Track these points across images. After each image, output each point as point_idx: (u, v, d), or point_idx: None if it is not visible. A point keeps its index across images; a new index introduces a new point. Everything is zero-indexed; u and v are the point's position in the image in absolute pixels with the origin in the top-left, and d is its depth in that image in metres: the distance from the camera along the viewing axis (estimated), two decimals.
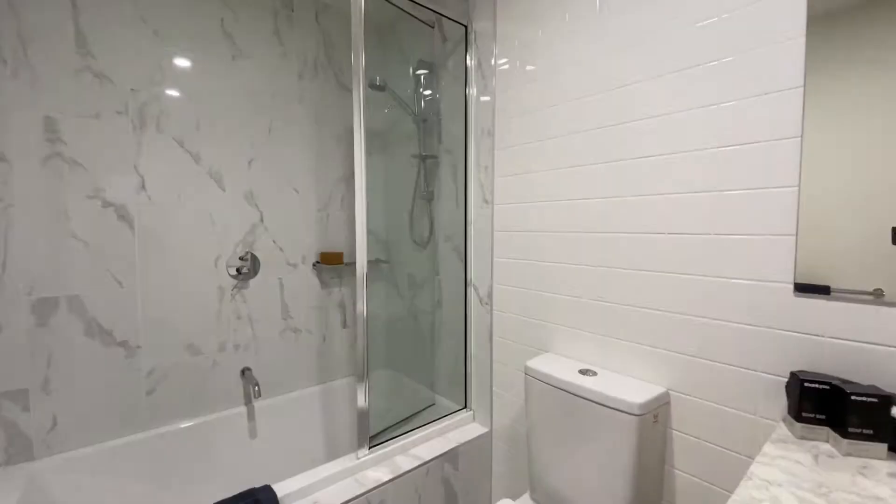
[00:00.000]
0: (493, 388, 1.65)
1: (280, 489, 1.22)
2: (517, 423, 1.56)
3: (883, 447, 0.71)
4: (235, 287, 1.77)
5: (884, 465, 0.69)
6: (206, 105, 1.67)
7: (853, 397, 0.71)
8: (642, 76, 1.13)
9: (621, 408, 1.04)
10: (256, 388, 1.67)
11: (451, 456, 1.54)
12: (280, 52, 1.86)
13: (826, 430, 0.76)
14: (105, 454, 1.48)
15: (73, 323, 1.44)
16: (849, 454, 0.72)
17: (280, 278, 1.90)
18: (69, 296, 1.42)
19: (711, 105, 1.00)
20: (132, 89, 1.51)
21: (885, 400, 0.71)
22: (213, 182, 1.70)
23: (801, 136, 0.87)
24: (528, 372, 1.30)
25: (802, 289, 0.88)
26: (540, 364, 1.29)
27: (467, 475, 1.59)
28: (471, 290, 1.73)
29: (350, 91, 1.46)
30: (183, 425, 1.64)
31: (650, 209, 1.13)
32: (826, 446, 0.75)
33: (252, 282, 1.82)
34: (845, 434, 0.72)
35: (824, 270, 0.85)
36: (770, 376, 0.92)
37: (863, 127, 0.80)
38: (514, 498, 1.40)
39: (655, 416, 1.06)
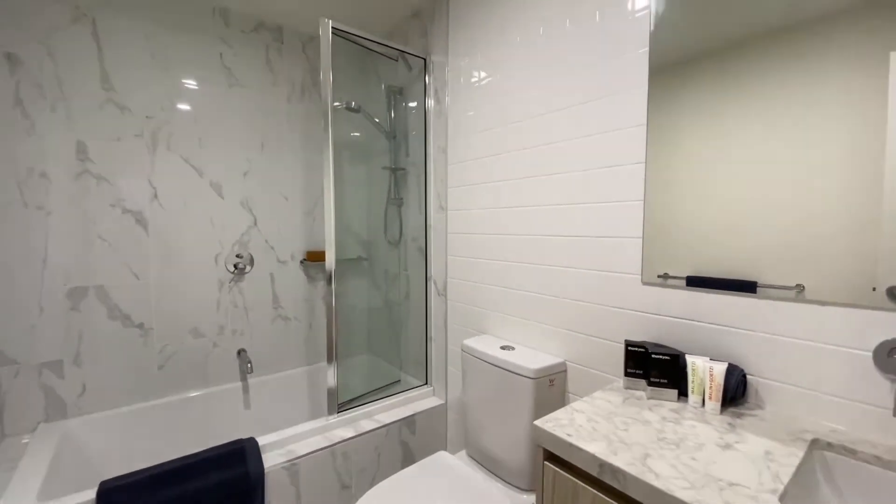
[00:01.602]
0: (448, 367, 1.94)
1: (262, 440, 1.52)
2: None
3: (674, 392, 0.98)
4: (232, 280, 2.09)
5: (670, 404, 0.96)
6: (208, 127, 1.98)
7: (653, 356, 0.98)
8: (548, 108, 1.41)
9: (522, 373, 1.32)
10: (249, 364, 1.98)
11: (408, 422, 1.83)
12: (271, 79, 2.17)
13: (643, 382, 1.03)
14: (124, 416, 1.81)
15: (99, 308, 1.76)
16: (651, 398, 0.99)
17: (271, 273, 2.21)
18: (96, 286, 1.75)
19: (592, 135, 1.27)
20: (147, 116, 1.83)
21: (675, 358, 0.98)
22: (213, 191, 2.01)
23: (645, 162, 1.14)
24: (464, 349, 1.59)
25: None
26: (474, 343, 1.57)
27: (423, 439, 1.88)
28: (430, 284, 2.01)
29: (333, 111, 1.72)
30: (188, 395, 1.96)
31: (553, 216, 1.40)
32: (640, 393, 1.02)
33: (247, 276, 2.14)
34: (650, 383, 0.99)
35: (667, 264, 1.11)
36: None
37: (687, 153, 1.06)
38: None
39: (551, 381, 1.34)
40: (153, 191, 1.86)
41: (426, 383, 2.05)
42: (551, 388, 1.34)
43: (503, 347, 1.49)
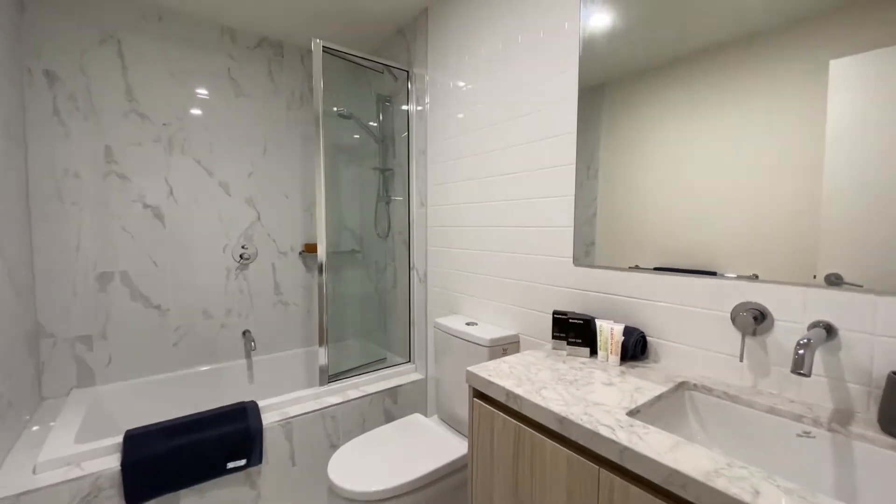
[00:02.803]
0: (428, 346, 2.17)
1: (262, 403, 1.77)
2: None
3: (587, 350, 1.20)
4: (238, 269, 2.35)
5: (582, 359, 1.19)
6: (217, 132, 2.25)
7: (570, 321, 1.21)
8: (506, 116, 1.63)
9: (479, 343, 1.55)
10: (253, 343, 2.24)
11: (391, 392, 2.06)
12: (272, 89, 2.42)
13: (564, 343, 1.26)
14: (144, 385, 2.07)
15: (123, 290, 2.03)
16: (570, 354, 1.22)
17: (273, 263, 2.47)
18: (121, 271, 2.02)
19: (537, 140, 1.50)
20: (164, 124, 2.10)
21: (587, 322, 1.20)
22: (221, 190, 2.28)
23: (575, 163, 1.36)
24: (436, 326, 1.82)
25: (577, 262, 1.37)
26: (444, 321, 1.80)
27: (403, 407, 2.12)
28: (413, 272, 2.25)
29: (328, 117, 1.96)
30: (199, 369, 2.23)
31: (507, 210, 1.63)
32: (563, 352, 1.25)
33: (251, 265, 2.40)
34: (569, 343, 1.22)
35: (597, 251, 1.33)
36: None
37: (606, 158, 1.28)
38: None
39: (504, 349, 1.56)
40: (169, 189, 2.13)
41: (409, 361, 2.29)
42: (504, 356, 1.56)
43: (468, 324, 1.72)
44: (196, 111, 2.18)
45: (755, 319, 0.96)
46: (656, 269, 1.18)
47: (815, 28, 0.89)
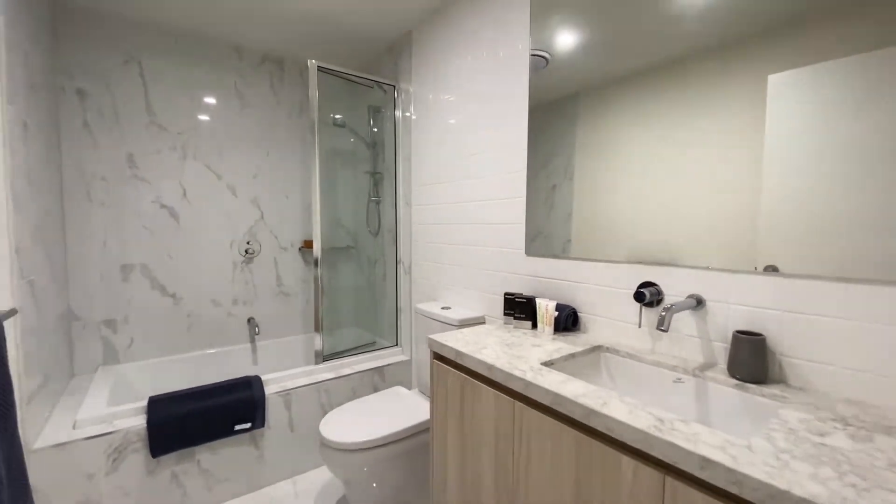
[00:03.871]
0: (413, 332, 2.44)
1: (264, 377, 2.04)
2: None
3: (529, 323, 1.47)
4: (244, 262, 2.63)
5: (525, 330, 1.45)
6: (225, 140, 2.52)
7: (516, 300, 1.47)
8: (476, 127, 1.90)
9: (450, 323, 1.82)
10: (257, 329, 2.52)
11: (379, 371, 2.33)
12: (274, 100, 2.70)
13: (512, 318, 1.52)
14: (161, 364, 2.35)
15: (143, 280, 2.31)
16: (516, 327, 1.48)
17: (275, 257, 2.75)
18: (141, 263, 2.30)
19: (498, 149, 1.77)
20: (179, 133, 2.38)
21: (529, 300, 1.46)
22: (229, 191, 2.55)
23: (526, 170, 1.63)
24: (416, 311, 2.09)
25: (529, 252, 1.63)
26: (423, 306, 2.07)
27: (390, 384, 2.38)
28: (400, 266, 2.52)
29: (324, 125, 2.22)
30: (208, 352, 2.50)
31: (474, 209, 1.89)
32: (511, 326, 1.51)
33: (255, 259, 2.67)
34: (515, 317, 1.48)
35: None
36: None
37: (555, 166, 1.55)
38: None
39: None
40: (183, 190, 2.41)
41: (396, 345, 2.55)
42: None
43: (443, 308, 1.99)
44: (207, 122, 2.46)
45: (651, 295, 1.23)
46: (626, 262, 1.32)
47: (753, 46, 0.98)
